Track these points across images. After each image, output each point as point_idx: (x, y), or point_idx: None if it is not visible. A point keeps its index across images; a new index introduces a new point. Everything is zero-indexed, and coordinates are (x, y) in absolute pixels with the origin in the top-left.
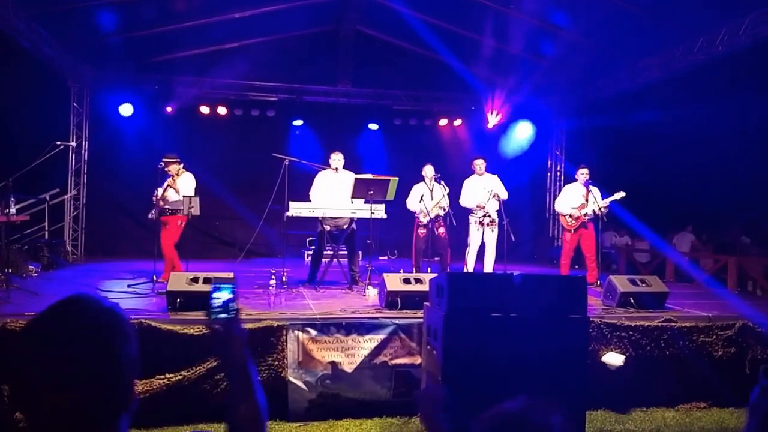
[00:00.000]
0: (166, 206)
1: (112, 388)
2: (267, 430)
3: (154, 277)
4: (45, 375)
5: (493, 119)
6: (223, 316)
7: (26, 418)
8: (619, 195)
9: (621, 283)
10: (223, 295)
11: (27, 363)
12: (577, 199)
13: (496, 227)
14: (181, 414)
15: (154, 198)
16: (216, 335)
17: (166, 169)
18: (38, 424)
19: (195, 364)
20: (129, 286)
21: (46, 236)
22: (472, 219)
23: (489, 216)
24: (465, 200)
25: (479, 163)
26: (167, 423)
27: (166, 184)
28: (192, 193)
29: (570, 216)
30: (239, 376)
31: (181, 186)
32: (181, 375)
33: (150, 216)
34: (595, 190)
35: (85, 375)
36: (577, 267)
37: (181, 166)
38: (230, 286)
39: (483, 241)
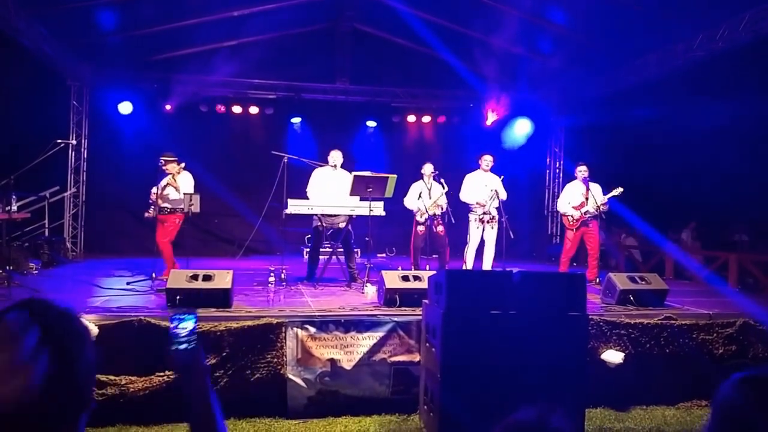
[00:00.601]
0: (165, 204)
1: (69, 390)
2: None
3: (153, 275)
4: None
5: (491, 116)
6: (185, 346)
7: None
8: (617, 191)
9: (620, 280)
10: (188, 326)
11: None
12: (577, 197)
13: (497, 224)
14: (180, 411)
15: (152, 196)
16: (178, 366)
17: (164, 167)
18: None
19: None
20: (128, 283)
21: (47, 233)
22: (472, 217)
23: (489, 213)
24: (465, 195)
25: (487, 159)
26: (167, 420)
27: (164, 182)
28: (192, 190)
29: (572, 215)
30: (201, 405)
31: (181, 184)
32: None
33: (147, 214)
34: (595, 187)
35: (37, 381)
36: (575, 264)
37: (182, 165)
38: (193, 316)
39: (482, 238)
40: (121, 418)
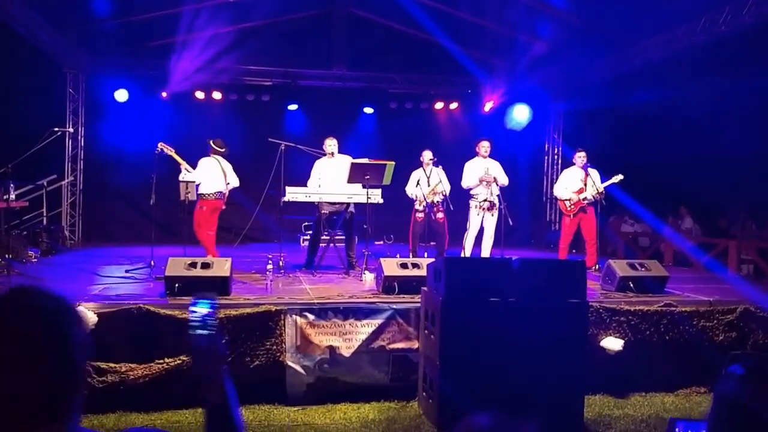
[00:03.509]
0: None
1: (61, 376)
2: None
3: (152, 262)
4: None
5: (489, 102)
6: (200, 332)
7: None
8: (617, 178)
9: (620, 267)
10: (201, 310)
11: None
12: (575, 184)
13: (497, 212)
14: (180, 398)
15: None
16: (195, 351)
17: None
18: None
19: None
20: (127, 271)
21: (45, 222)
22: (472, 203)
23: (489, 201)
24: (467, 181)
25: (485, 146)
26: (166, 407)
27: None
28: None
29: (569, 201)
30: (215, 392)
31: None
32: (179, 359)
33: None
34: (593, 173)
35: (30, 364)
36: (574, 251)
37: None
38: (208, 302)
39: (482, 225)
40: (121, 405)
